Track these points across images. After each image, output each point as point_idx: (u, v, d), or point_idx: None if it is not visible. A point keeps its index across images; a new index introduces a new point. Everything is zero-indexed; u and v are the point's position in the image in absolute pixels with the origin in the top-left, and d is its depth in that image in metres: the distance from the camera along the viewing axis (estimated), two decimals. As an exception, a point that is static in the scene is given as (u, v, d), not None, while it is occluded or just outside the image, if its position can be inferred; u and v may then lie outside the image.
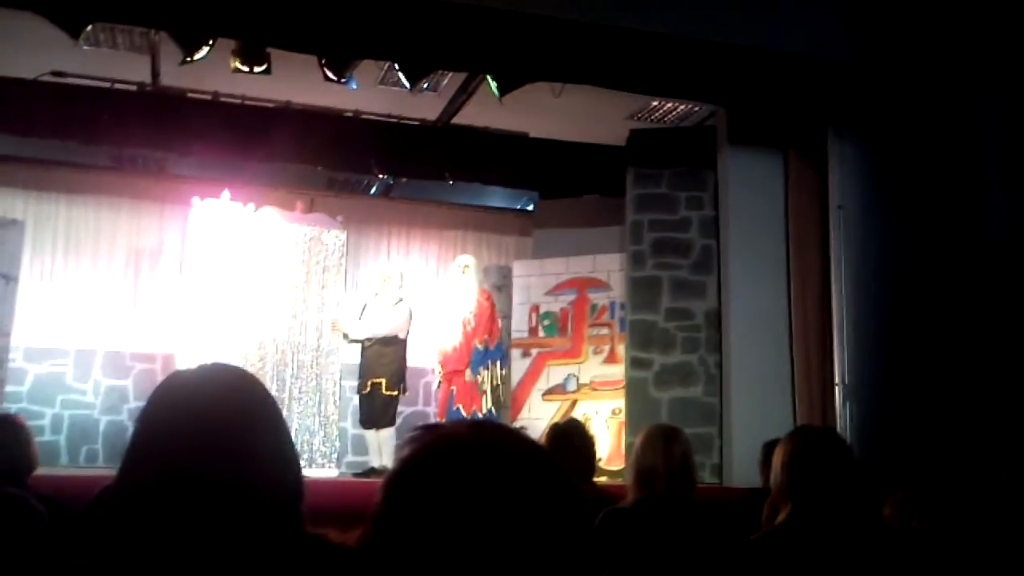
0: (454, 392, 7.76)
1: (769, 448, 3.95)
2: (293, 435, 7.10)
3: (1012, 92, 5.46)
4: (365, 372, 7.48)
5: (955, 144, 5.63)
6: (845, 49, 5.76)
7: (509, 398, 8.43)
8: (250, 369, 7.29)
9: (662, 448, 3.16)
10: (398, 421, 7.36)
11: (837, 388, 6.01)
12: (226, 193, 7.79)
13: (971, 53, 5.55)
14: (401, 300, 7.72)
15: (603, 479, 6.87)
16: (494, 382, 7.67)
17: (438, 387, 7.87)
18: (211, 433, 1.30)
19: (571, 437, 3.76)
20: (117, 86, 7.27)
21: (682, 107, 7.78)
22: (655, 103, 7.69)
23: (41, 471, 3.57)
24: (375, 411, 7.39)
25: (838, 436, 2.76)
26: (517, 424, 8.29)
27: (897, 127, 5.90)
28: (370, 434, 7.39)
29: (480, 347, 7.68)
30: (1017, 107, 5.42)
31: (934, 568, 2.38)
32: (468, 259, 7.97)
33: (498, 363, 7.73)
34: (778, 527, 2.45)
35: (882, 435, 5.54)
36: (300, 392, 7.62)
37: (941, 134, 5.67)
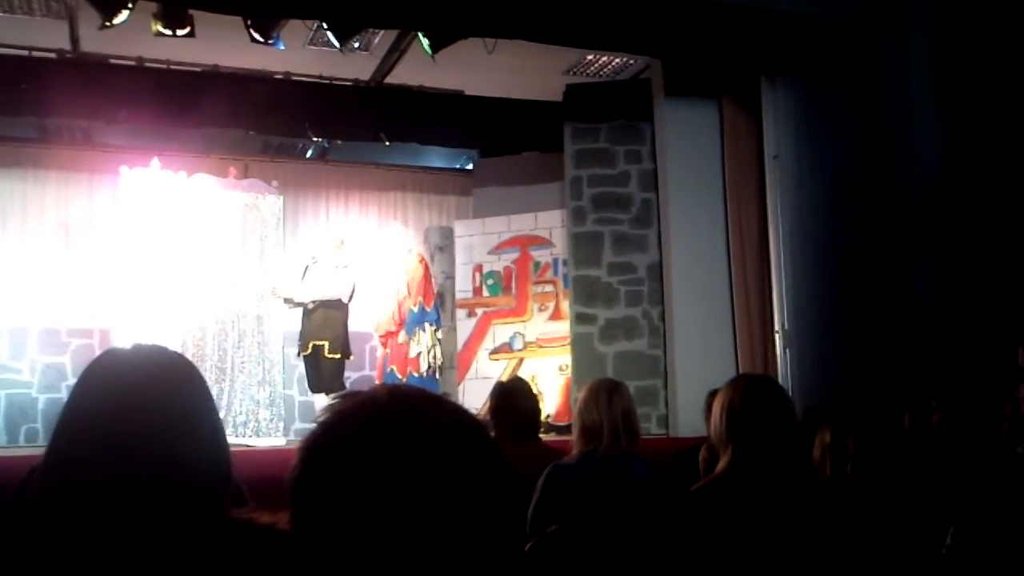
0: (388, 354, 7.77)
1: (713, 397, 3.99)
2: (238, 405, 7.05)
3: (939, 34, 5.52)
4: (306, 334, 7.43)
5: (884, 90, 5.69)
6: (779, -2, 5.77)
7: (452, 359, 8.44)
8: (190, 340, 7.23)
9: (605, 402, 3.17)
10: (347, 387, 7.33)
11: (777, 335, 6.10)
12: (155, 161, 7.59)
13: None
14: (347, 266, 7.66)
15: (552, 435, 6.91)
16: (430, 344, 7.67)
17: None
18: (140, 414, 1.27)
19: (515, 395, 3.76)
20: (35, 54, 7.02)
21: (617, 60, 7.74)
22: (590, 57, 7.63)
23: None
24: (322, 376, 7.36)
25: (775, 383, 2.79)
26: (464, 385, 8.31)
27: (828, 74, 5.94)
28: (319, 400, 7.35)
29: (415, 309, 7.67)
30: (946, 53, 5.48)
31: (867, 515, 2.42)
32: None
33: (434, 325, 7.73)
34: (719, 476, 2.47)
35: (820, 381, 5.64)
36: (243, 361, 7.52)
37: (870, 80, 5.72)
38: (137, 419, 1.26)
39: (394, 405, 0.88)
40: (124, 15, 5.59)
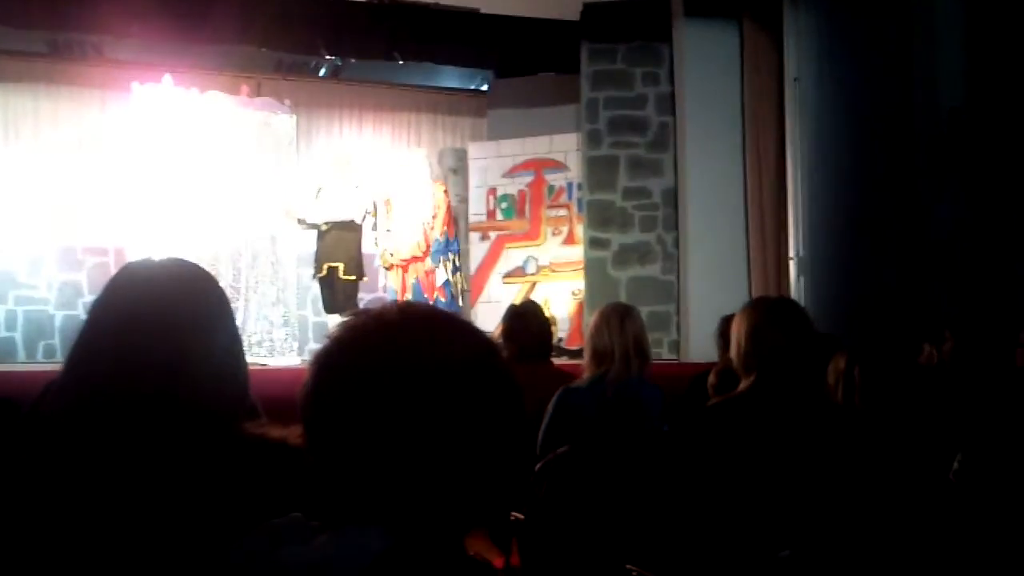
0: (412, 283, 7.83)
1: (726, 323, 3.98)
2: (252, 325, 7.11)
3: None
4: (321, 256, 7.45)
5: (908, 13, 5.55)
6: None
7: (468, 284, 8.47)
8: (204, 259, 7.24)
9: (617, 327, 3.17)
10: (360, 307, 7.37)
11: (791, 262, 6.07)
12: (167, 78, 7.52)
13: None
14: (358, 186, 7.64)
15: (564, 359, 6.95)
16: (454, 271, 7.78)
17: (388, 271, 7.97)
18: (154, 327, 1.28)
19: (527, 318, 3.78)
20: (46, -34, 6.91)
21: (637, -22, 7.57)
22: (610, -26, 7.46)
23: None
24: (336, 297, 7.39)
25: (799, 306, 2.78)
26: (477, 308, 8.34)
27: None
28: (333, 320, 7.40)
29: (440, 239, 7.75)
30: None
31: (874, 440, 2.44)
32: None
33: (456, 253, 7.85)
34: (738, 395, 2.47)
35: (834, 309, 5.63)
36: (257, 281, 7.55)
37: (894, 4, 5.58)
38: (151, 331, 1.27)
39: (406, 322, 0.89)
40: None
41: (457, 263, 7.91)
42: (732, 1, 6.98)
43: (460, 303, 7.86)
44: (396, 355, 0.85)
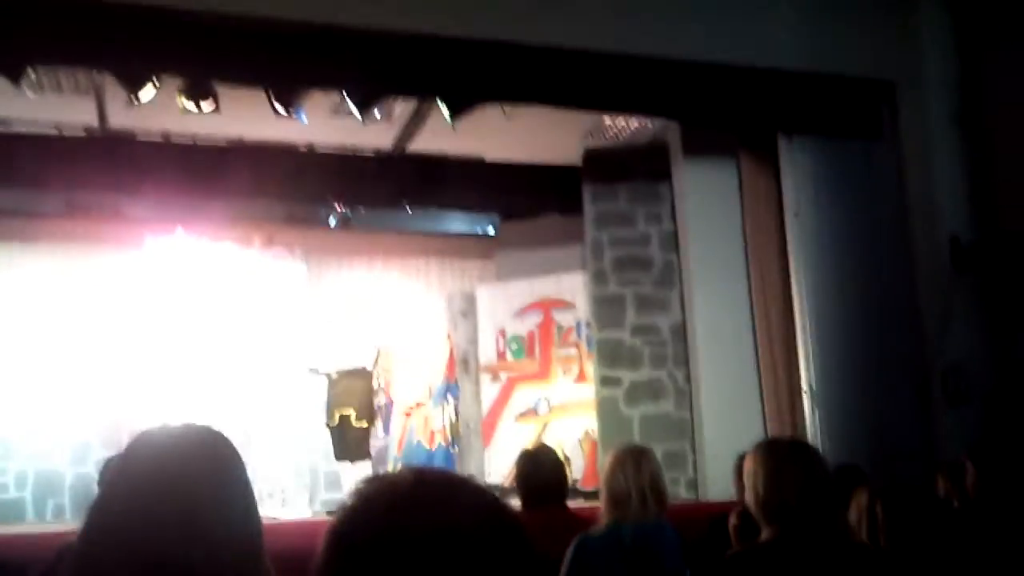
0: (413, 427, 7.81)
1: (742, 460, 3.93)
2: (262, 476, 7.03)
3: (958, 84, 5.55)
4: (332, 404, 7.44)
5: (904, 145, 5.69)
6: (792, 57, 5.81)
7: (477, 424, 8.40)
8: (213, 409, 7.22)
9: (632, 469, 3.13)
10: (372, 454, 7.32)
11: (805, 395, 6.02)
12: (180, 231, 7.69)
13: (916, 53, 5.62)
14: (368, 332, 7.71)
15: (579, 501, 6.81)
16: (453, 414, 7.81)
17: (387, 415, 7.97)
18: (173, 498, 1.28)
19: (541, 463, 3.72)
20: (65, 132, 7.17)
21: (635, 123, 7.80)
22: (608, 120, 7.70)
23: (6, 529, 3.46)
24: (348, 444, 7.34)
25: (811, 448, 2.74)
26: (489, 450, 8.24)
27: (846, 131, 5.96)
28: (345, 468, 7.31)
29: (442, 384, 7.80)
30: (963, 105, 5.49)
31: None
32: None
33: (456, 397, 7.91)
34: (763, 544, 2.41)
35: (850, 441, 5.55)
36: (267, 431, 7.50)
37: (888, 136, 5.73)
38: (168, 502, 1.27)
39: (420, 490, 0.88)
40: (150, 92, 5.71)
41: (457, 408, 7.94)
42: (729, 141, 7.17)
43: (455, 448, 7.84)
44: (410, 527, 0.83)
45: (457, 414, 7.95)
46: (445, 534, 0.83)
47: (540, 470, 3.66)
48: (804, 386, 6.01)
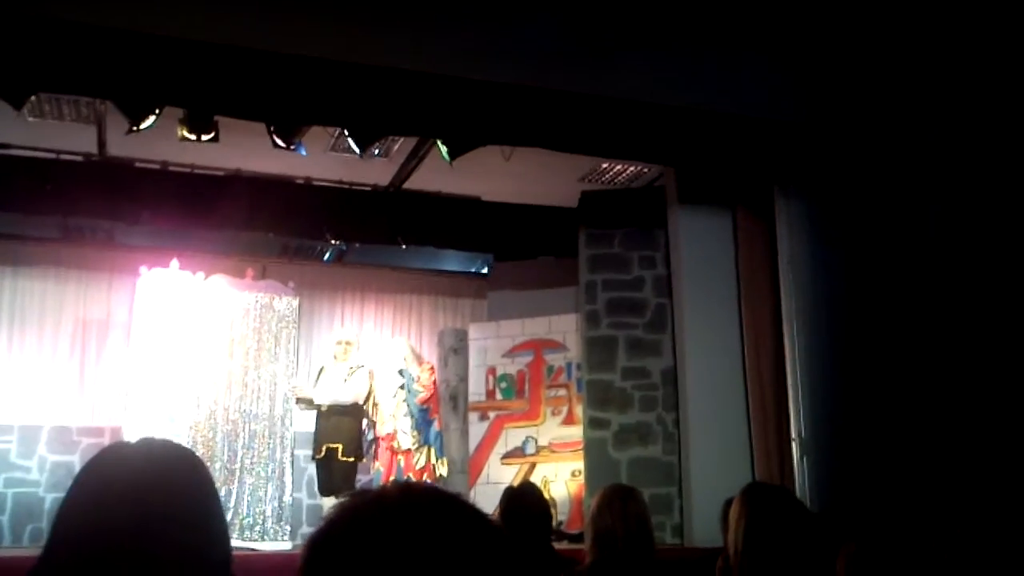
0: (402, 462, 7.77)
1: (729, 506, 3.92)
2: (245, 508, 6.96)
3: (952, 142, 5.61)
4: (320, 437, 7.40)
5: (899, 198, 5.75)
6: (790, 110, 5.89)
7: (464, 463, 8.36)
8: (200, 440, 7.18)
9: (619, 509, 3.11)
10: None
11: (794, 443, 6.01)
12: (175, 262, 7.70)
13: (910, 109, 5.69)
14: (361, 367, 7.69)
15: (564, 544, 6.77)
16: (436, 453, 7.82)
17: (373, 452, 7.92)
18: (141, 513, 1.25)
19: (526, 501, 3.71)
20: (63, 157, 7.20)
21: (632, 168, 7.88)
22: (605, 165, 7.78)
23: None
24: (334, 479, 7.29)
25: (794, 498, 2.73)
26: (476, 489, 8.19)
27: (842, 185, 6.01)
28: (328, 503, 7.25)
29: (431, 418, 7.78)
30: (957, 157, 5.56)
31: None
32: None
33: (439, 440, 7.92)
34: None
35: (839, 489, 5.54)
36: (252, 463, 7.45)
37: (885, 189, 5.78)
38: (124, 516, 1.24)
39: (405, 502, 0.87)
40: (151, 120, 5.75)
41: (441, 448, 7.94)
42: (724, 187, 7.23)
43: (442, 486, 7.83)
44: (396, 539, 0.83)
45: (443, 451, 7.92)
46: (433, 545, 0.83)
47: (525, 507, 3.64)
48: (793, 433, 6.01)
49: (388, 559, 0.82)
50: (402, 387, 7.93)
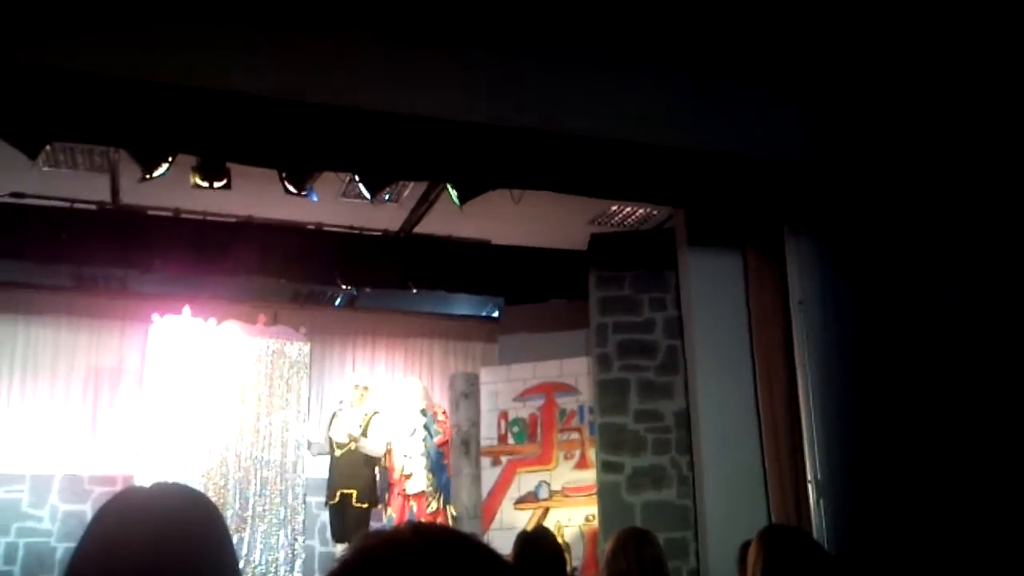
0: (414, 508, 7.72)
1: (746, 549, 3.87)
2: (257, 555, 6.93)
3: (963, 181, 5.61)
4: (334, 483, 7.36)
5: (910, 237, 5.74)
6: (799, 151, 5.90)
7: (476, 508, 8.30)
8: (212, 487, 7.15)
9: (634, 552, 3.08)
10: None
11: (810, 485, 5.94)
12: (187, 309, 7.73)
13: (921, 148, 5.70)
14: (376, 413, 7.68)
15: (578, 589, 6.68)
16: (447, 499, 7.81)
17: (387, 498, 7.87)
18: (153, 561, 1.24)
19: (540, 545, 3.67)
20: (77, 205, 7.26)
21: (641, 210, 7.90)
22: (614, 207, 7.80)
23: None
24: (347, 524, 7.24)
25: (811, 540, 2.71)
26: (489, 535, 8.12)
27: (851, 224, 6.01)
28: (340, 549, 7.20)
29: (444, 463, 7.75)
30: (967, 198, 5.55)
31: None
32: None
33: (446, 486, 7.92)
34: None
35: (856, 531, 5.46)
36: (264, 509, 7.41)
37: (895, 229, 5.77)
38: (150, 564, 1.23)
39: (419, 543, 0.87)
40: (164, 168, 5.80)
41: (449, 494, 7.92)
42: (734, 228, 7.24)
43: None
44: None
45: (451, 497, 7.88)
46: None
47: (539, 552, 3.61)
48: (809, 476, 5.94)
49: None
50: (425, 427, 7.88)
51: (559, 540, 4.06)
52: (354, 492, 7.25)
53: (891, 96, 5.71)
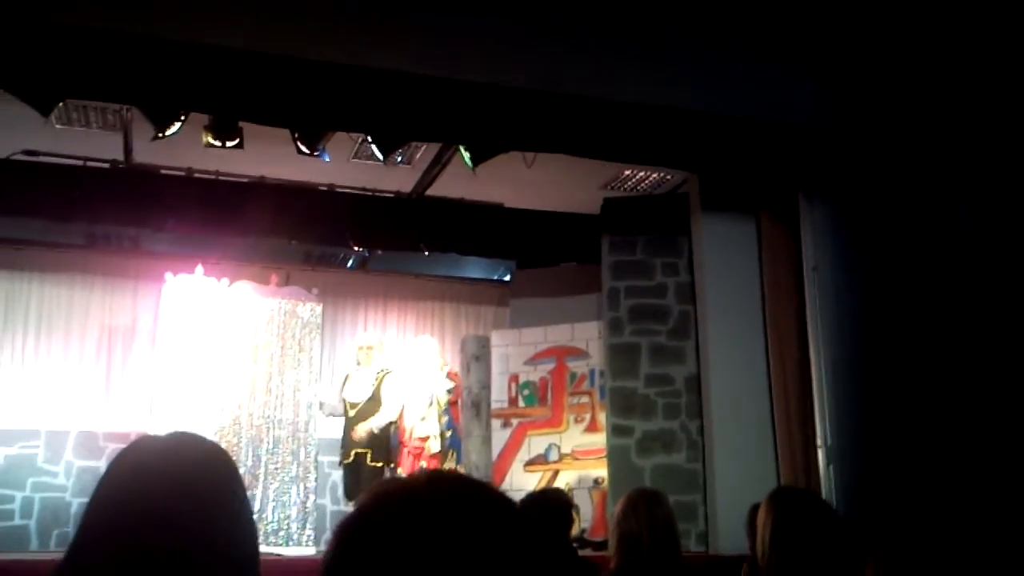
0: (424, 467, 7.76)
1: (755, 512, 3.88)
2: (270, 513, 6.99)
3: (980, 145, 5.55)
4: (349, 443, 7.40)
5: (926, 203, 5.69)
6: (814, 115, 5.84)
7: (487, 469, 8.34)
8: (225, 444, 7.19)
9: (644, 512, 3.08)
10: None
11: (820, 450, 5.96)
12: (199, 269, 7.75)
13: (938, 112, 5.64)
14: (388, 372, 7.69)
15: (587, 551, 6.73)
16: (457, 459, 7.84)
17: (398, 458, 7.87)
18: (169, 506, 1.24)
19: (549, 505, 3.69)
20: (90, 164, 7.27)
21: (654, 175, 7.86)
22: (628, 171, 7.76)
23: (10, 556, 3.43)
24: (361, 484, 7.29)
25: (822, 502, 2.71)
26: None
27: (866, 189, 5.96)
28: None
29: (455, 424, 7.77)
30: (984, 163, 5.50)
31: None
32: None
33: (458, 447, 7.94)
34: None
35: (866, 495, 5.48)
36: (276, 468, 7.48)
37: (910, 193, 5.73)
38: (167, 511, 1.23)
39: (433, 488, 0.87)
40: (176, 127, 5.79)
41: (460, 454, 7.94)
42: (748, 193, 7.20)
43: None
44: (424, 524, 0.82)
45: (462, 457, 7.90)
46: (462, 529, 0.82)
47: (548, 512, 3.62)
48: (819, 441, 5.95)
49: (417, 544, 0.81)
50: (448, 390, 7.89)
51: (568, 497, 4.06)
52: (369, 451, 7.29)
53: (907, 59, 5.64)
